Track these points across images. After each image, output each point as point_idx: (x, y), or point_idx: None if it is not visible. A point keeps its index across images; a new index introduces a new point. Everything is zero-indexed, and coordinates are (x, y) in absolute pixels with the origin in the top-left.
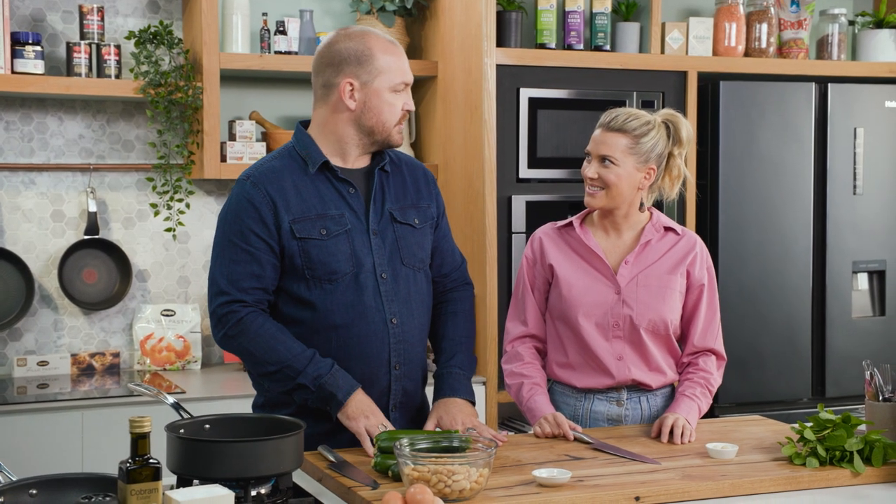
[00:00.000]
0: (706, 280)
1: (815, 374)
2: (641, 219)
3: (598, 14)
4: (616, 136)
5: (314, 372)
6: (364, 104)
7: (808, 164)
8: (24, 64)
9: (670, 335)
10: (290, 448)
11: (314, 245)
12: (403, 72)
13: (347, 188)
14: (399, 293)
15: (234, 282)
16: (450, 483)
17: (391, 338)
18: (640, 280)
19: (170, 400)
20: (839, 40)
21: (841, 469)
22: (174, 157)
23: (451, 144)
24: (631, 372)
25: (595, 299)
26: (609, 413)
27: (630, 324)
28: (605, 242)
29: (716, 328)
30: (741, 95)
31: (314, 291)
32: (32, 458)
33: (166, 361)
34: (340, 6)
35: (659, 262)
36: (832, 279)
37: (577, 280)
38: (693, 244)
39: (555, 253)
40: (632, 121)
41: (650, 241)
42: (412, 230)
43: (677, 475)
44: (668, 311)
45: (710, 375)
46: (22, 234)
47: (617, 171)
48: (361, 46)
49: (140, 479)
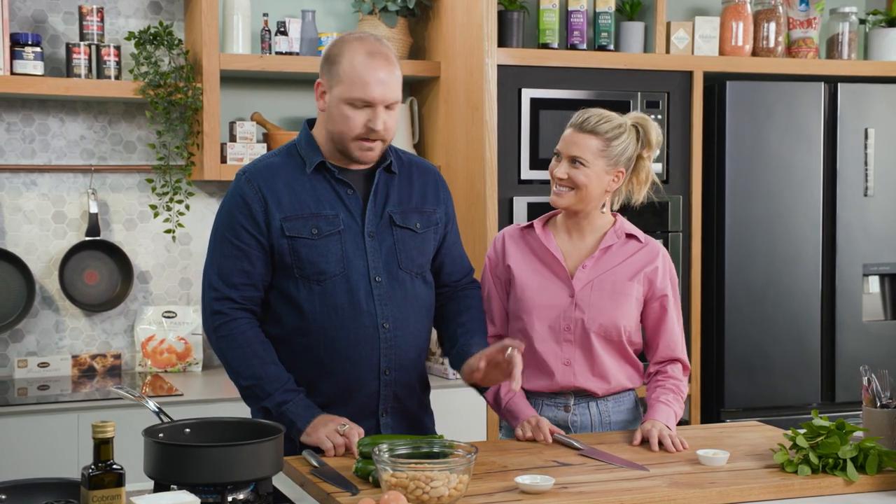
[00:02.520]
0: (669, 290)
1: (824, 379)
2: (605, 222)
3: (601, 13)
4: (587, 138)
5: (280, 398)
6: (328, 109)
7: (817, 165)
8: (24, 65)
9: (623, 342)
10: (268, 453)
11: (303, 244)
12: (364, 88)
13: (345, 189)
14: (394, 297)
15: (224, 277)
16: (427, 489)
17: (382, 342)
18: (596, 284)
19: (151, 405)
20: (850, 39)
21: (834, 477)
22: (174, 158)
23: (453, 145)
24: (576, 378)
25: (548, 301)
26: (556, 418)
27: (581, 328)
28: (567, 245)
29: (680, 337)
30: (748, 96)
31: (304, 291)
32: (30, 460)
33: (167, 363)
34: (343, 6)
35: (617, 267)
36: (842, 282)
37: (532, 282)
38: (656, 254)
39: (514, 253)
40: (603, 123)
41: (611, 246)
42: (412, 234)
43: (665, 482)
44: (622, 317)
45: (680, 382)
46: (23, 236)
47: (587, 171)
48: (338, 50)
49: (103, 486)
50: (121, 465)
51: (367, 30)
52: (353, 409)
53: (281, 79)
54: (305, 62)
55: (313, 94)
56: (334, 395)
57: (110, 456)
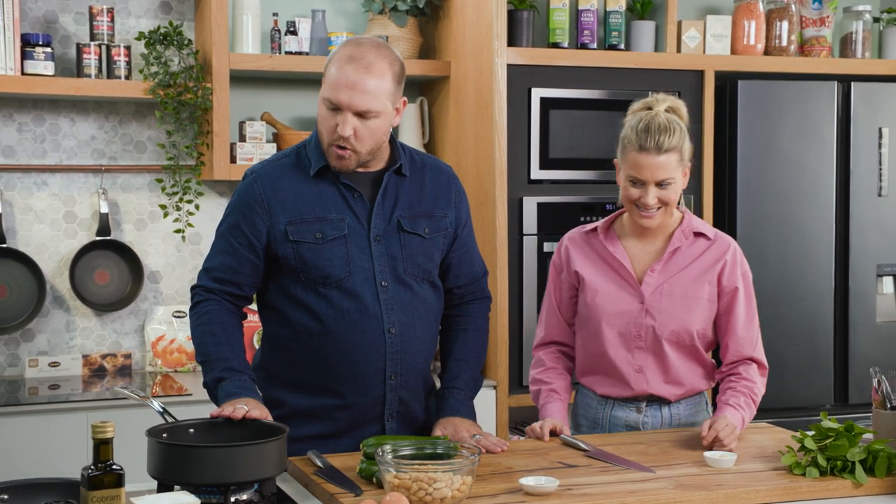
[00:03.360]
0: (741, 285)
1: (837, 380)
2: (674, 220)
3: (611, 13)
4: (666, 157)
5: (218, 375)
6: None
7: (829, 164)
8: (34, 65)
9: (696, 345)
10: (271, 453)
11: (308, 248)
12: (333, 88)
13: (351, 193)
14: (401, 303)
15: (209, 269)
16: (430, 491)
17: (388, 347)
18: (665, 289)
19: (156, 405)
20: (863, 38)
21: (842, 480)
22: (184, 158)
23: (463, 145)
24: (649, 385)
25: (618, 308)
26: (628, 419)
27: (653, 334)
28: (635, 248)
29: (754, 335)
30: (760, 95)
31: (310, 294)
32: (41, 460)
33: (177, 363)
34: (353, 6)
35: (686, 269)
36: (855, 283)
37: (602, 287)
38: (724, 249)
39: (580, 259)
40: (673, 136)
41: (679, 248)
42: (420, 240)
43: (670, 484)
44: (694, 322)
45: (754, 384)
46: (34, 235)
47: (674, 187)
48: (336, 48)
49: (102, 486)
50: (120, 466)
51: (376, 30)
52: (359, 412)
53: (291, 78)
54: (315, 62)
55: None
56: (341, 398)
57: (110, 456)
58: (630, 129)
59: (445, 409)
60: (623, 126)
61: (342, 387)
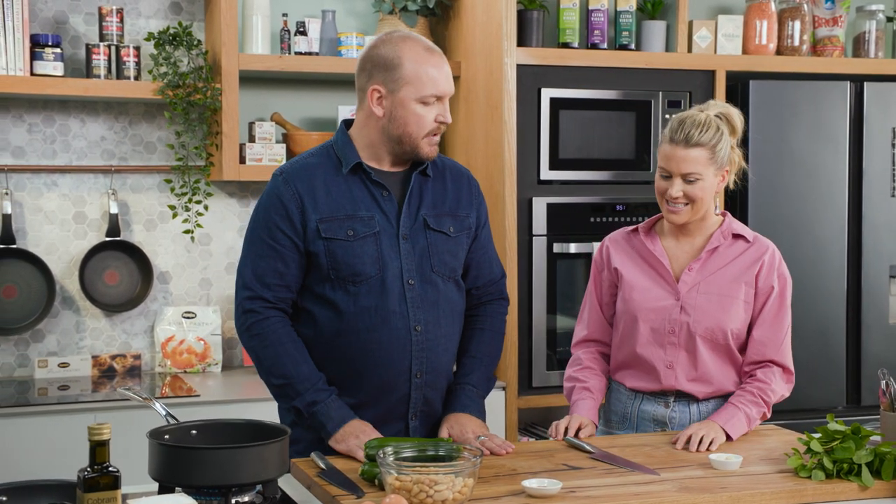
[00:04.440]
0: (776, 286)
1: (850, 382)
2: (714, 222)
3: (622, 12)
4: (695, 151)
5: (311, 398)
6: (391, 113)
7: (842, 165)
8: (44, 66)
9: (730, 345)
10: (273, 455)
11: (340, 246)
12: (435, 83)
13: (381, 191)
14: (426, 300)
15: (258, 277)
16: (431, 493)
17: (414, 345)
18: (702, 287)
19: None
20: (877, 37)
21: (848, 482)
22: (193, 158)
23: (473, 145)
24: (677, 381)
25: (654, 304)
26: (656, 413)
27: (687, 331)
28: (674, 248)
29: (780, 338)
30: (772, 95)
31: (338, 292)
32: (49, 460)
33: (187, 364)
34: (363, 6)
35: (724, 269)
36: (868, 283)
37: (639, 283)
38: (763, 251)
39: (620, 257)
40: (706, 132)
41: (717, 247)
42: (445, 238)
43: (674, 487)
44: (729, 321)
45: (767, 386)
46: (44, 236)
47: (702, 184)
48: (392, 53)
49: (98, 488)
50: (117, 468)
51: (386, 30)
52: (383, 411)
53: (301, 79)
54: (325, 62)
55: (332, 95)
56: (366, 397)
57: (106, 458)
58: (669, 124)
59: (455, 405)
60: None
61: (367, 385)
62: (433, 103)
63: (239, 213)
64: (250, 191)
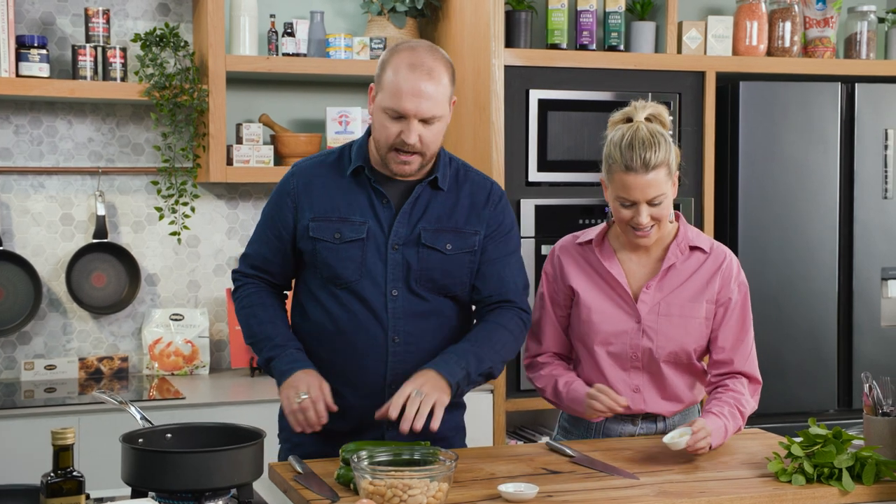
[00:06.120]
0: (735, 296)
1: (841, 385)
2: (670, 231)
3: (611, 13)
4: (654, 173)
5: (267, 354)
6: (373, 115)
7: (833, 167)
8: (29, 67)
9: (693, 362)
10: (247, 459)
11: (325, 247)
12: (399, 98)
13: (380, 198)
14: (412, 312)
15: (246, 256)
16: (405, 497)
17: (390, 355)
18: (662, 309)
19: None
20: (868, 38)
21: (829, 487)
22: (180, 160)
23: (461, 147)
24: (646, 404)
25: (615, 328)
26: (623, 432)
27: (650, 356)
28: (630, 262)
29: (746, 349)
30: (762, 96)
31: (325, 292)
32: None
33: (174, 366)
34: (352, 7)
35: (682, 287)
36: (860, 286)
37: (598, 304)
38: (720, 263)
39: (575, 273)
40: (659, 150)
41: (673, 264)
42: (440, 256)
43: (653, 491)
44: (692, 342)
45: (741, 396)
46: (31, 238)
47: (667, 202)
48: (388, 56)
49: (61, 493)
50: (81, 473)
51: (375, 31)
52: (358, 416)
53: (288, 80)
54: (313, 63)
55: (321, 96)
56: (345, 398)
57: (70, 463)
58: (614, 148)
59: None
60: (605, 142)
61: (344, 388)
62: (397, 119)
63: (227, 215)
64: (238, 192)
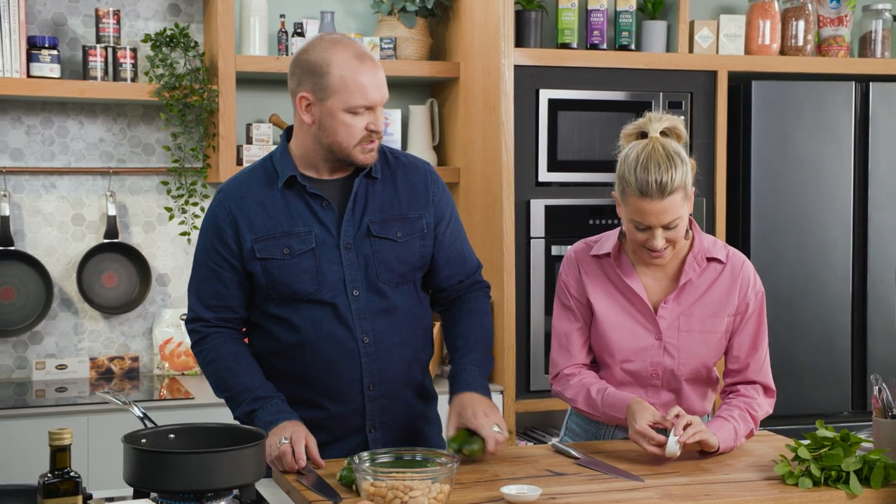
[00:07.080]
0: (752, 305)
1: (855, 387)
2: (685, 243)
3: (622, 12)
4: (672, 198)
5: (248, 408)
6: (320, 121)
7: (847, 167)
8: (40, 68)
9: (711, 375)
10: (248, 460)
11: (276, 265)
12: (364, 93)
13: (320, 202)
14: (375, 310)
15: (200, 299)
16: (406, 499)
17: (363, 357)
18: (682, 324)
19: (136, 411)
20: (883, 37)
21: (836, 490)
22: (190, 160)
23: (472, 147)
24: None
25: (635, 346)
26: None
27: (671, 375)
28: (645, 276)
29: (761, 358)
30: (775, 95)
31: (284, 308)
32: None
33: (185, 366)
34: (363, 7)
35: (701, 300)
36: (874, 287)
37: (617, 321)
38: (737, 273)
39: (593, 286)
40: (675, 172)
41: (690, 279)
42: (393, 244)
43: (657, 494)
44: (712, 357)
45: (753, 400)
46: (42, 238)
47: (682, 224)
48: (321, 59)
49: (58, 494)
50: (78, 473)
51: (385, 31)
52: (338, 424)
53: None
54: None
55: None
56: (321, 411)
57: (67, 464)
58: (628, 171)
59: (459, 385)
60: (617, 155)
61: (321, 398)
62: (362, 113)
63: None
64: None
